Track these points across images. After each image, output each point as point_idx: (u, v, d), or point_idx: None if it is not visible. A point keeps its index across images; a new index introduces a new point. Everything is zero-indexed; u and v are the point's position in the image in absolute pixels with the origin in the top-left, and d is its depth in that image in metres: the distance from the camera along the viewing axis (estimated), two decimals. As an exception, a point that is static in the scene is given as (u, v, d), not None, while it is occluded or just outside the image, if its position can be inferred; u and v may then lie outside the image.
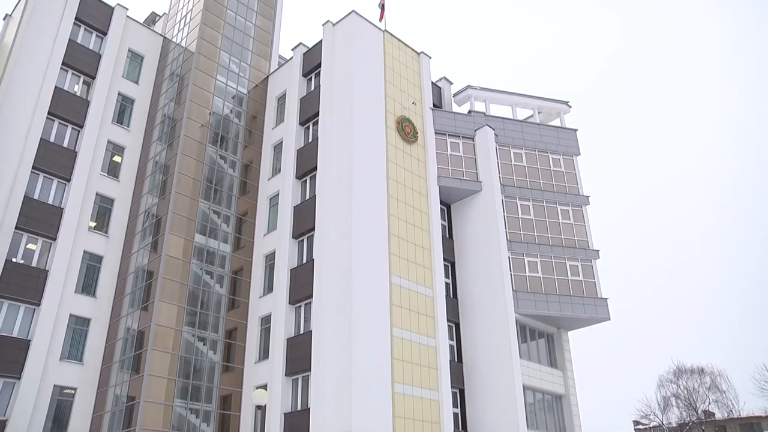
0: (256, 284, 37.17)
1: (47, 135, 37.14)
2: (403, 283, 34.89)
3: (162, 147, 39.53)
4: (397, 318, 33.54)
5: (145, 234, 36.98)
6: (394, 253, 35.15)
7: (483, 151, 42.25)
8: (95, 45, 41.75)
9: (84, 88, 40.45)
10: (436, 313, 35.98)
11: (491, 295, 38.16)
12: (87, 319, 35.03)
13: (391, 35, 42.30)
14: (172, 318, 33.72)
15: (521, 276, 39.48)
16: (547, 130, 45.64)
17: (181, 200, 36.65)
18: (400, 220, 36.44)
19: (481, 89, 45.67)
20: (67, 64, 39.50)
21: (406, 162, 38.80)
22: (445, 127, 42.57)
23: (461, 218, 41.85)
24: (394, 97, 40.16)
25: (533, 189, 42.56)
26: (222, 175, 39.79)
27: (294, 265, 35.73)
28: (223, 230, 38.31)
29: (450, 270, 40.51)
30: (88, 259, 36.29)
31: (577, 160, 44.87)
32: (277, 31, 47.38)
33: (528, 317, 39.54)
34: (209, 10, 43.26)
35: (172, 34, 45.38)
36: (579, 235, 41.95)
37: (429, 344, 34.67)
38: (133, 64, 43.40)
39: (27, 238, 34.47)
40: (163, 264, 34.30)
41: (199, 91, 40.34)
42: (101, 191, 38.18)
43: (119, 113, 41.19)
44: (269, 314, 35.35)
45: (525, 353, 38.85)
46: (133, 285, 35.63)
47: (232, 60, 43.28)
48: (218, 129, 40.63)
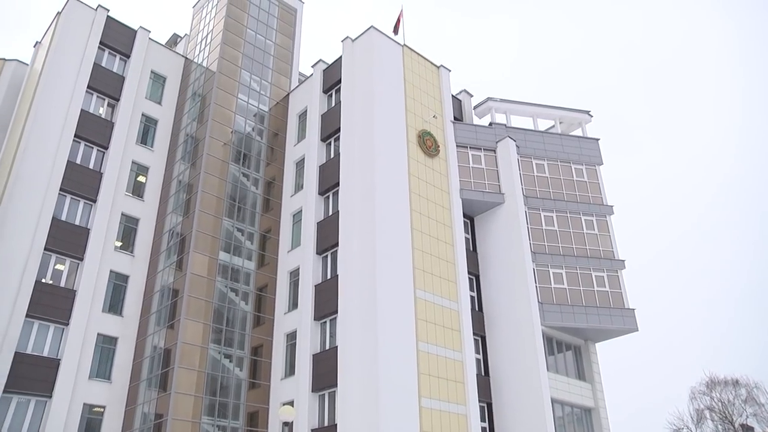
0: (280, 301, 37.25)
1: (74, 157, 37.75)
2: (428, 297, 34.75)
3: (185, 166, 39.91)
4: (422, 332, 33.39)
5: (170, 252, 37.27)
6: (418, 267, 35.06)
7: (505, 163, 42.13)
8: (119, 68, 42.43)
9: (109, 110, 41.08)
10: (462, 326, 35.76)
11: (517, 307, 37.85)
12: (114, 338, 35.34)
13: (410, 49, 42.47)
14: (198, 335, 33.89)
15: (547, 288, 39.14)
16: (569, 140, 45.43)
17: (205, 218, 36.92)
18: (423, 234, 36.37)
19: (501, 101, 45.62)
20: (93, 88, 40.19)
21: (428, 176, 38.78)
22: (467, 140, 42.52)
23: (485, 231, 41.67)
24: (415, 111, 40.24)
25: (556, 200, 42.31)
26: (245, 192, 40.05)
27: (318, 281, 35.77)
28: (247, 247, 38.51)
29: (475, 283, 40.28)
30: (114, 279, 36.67)
31: (599, 170, 44.56)
32: (296, 48, 47.82)
33: (554, 329, 39.13)
34: (229, 30, 43.79)
35: (193, 55, 45.97)
36: (604, 245, 41.56)
37: (455, 358, 34.44)
38: (156, 85, 43.99)
39: (55, 259, 34.95)
40: (188, 282, 34.52)
41: (221, 110, 40.74)
42: (126, 211, 38.60)
43: (143, 134, 41.72)
44: (294, 330, 35.38)
45: (552, 366, 38.47)
46: (159, 303, 35.89)
47: (253, 78, 43.70)
48: (240, 147, 40.96)
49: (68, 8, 41.24)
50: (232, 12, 44.80)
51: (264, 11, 47.06)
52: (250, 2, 46.38)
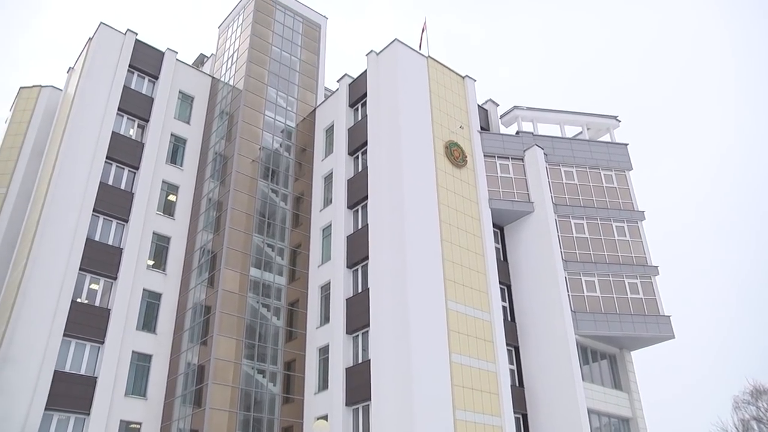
0: (312, 315, 37.32)
1: (106, 178, 38.39)
2: (460, 309, 34.57)
3: (215, 184, 40.33)
4: (455, 344, 33.20)
5: (201, 270, 37.60)
6: (449, 279, 34.92)
7: (533, 171, 41.92)
8: (148, 89, 43.13)
9: (138, 131, 41.73)
10: (495, 337, 35.49)
11: (550, 316, 37.47)
12: (149, 355, 35.68)
13: (434, 61, 42.56)
14: (231, 351, 34.07)
15: (579, 296, 38.73)
16: (597, 146, 45.09)
17: (236, 235, 37.22)
18: (453, 245, 36.25)
19: (528, 109, 45.47)
20: (123, 110, 40.92)
21: (457, 186, 38.70)
22: (494, 150, 42.40)
23: (515, 240, 41.42)
24: (441, 122, 40.25)
25: (586, 207, 41.95)
26: (274, 208, 40.31)
27: (349, 295, 35.79)
28: (277, 263, 38.70)
29: (506, 293, 39.98)
30: (147, 297, 37.08)
31: (629, 175, 44.13)
32: (321, 63, 48.23)
33: (588, 338, 38.67)
34: (255, 48, 44.31)
35: (220, 74, 46.57)
36: (636, 252, 41.06)
37: (489, 369, 34.16)
38: (184, 105, 44.61)
39: (90, 279, 35.47)
40: (220, 299, 34.77)
41: (249, 128, 41.14)
42: (158, 230, 39.07)
43: (172, 153, 42.28)
44: (327, 345, 35.39)
45: (588, 375, 37.98)
46: (192, 320, 36.18)
47: (279, 95, 44.12)
48: (269, 163, 41.28)
49: (99, 34, 42.12)
50: (257, 30, 45.35)
51: (288, 28, 47.57)
52: (274, 20, 46.95)
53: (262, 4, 46.90)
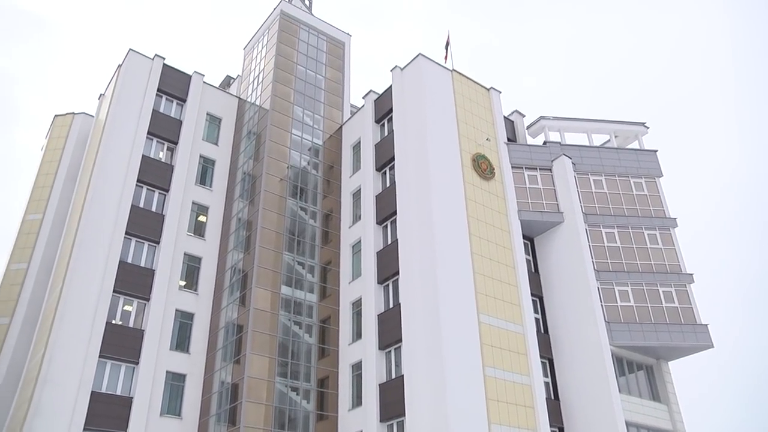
0: (344, 332, 37.31)
1: (137, 201, 38.97)
2: (492, 322, 34.31)
3: (244, 204, 40.67)
4: (488, 357, 32.92)
5: (233, 289, 37.85)
6: (480, 292, 34.70)
7: (562, 181, 41.61)
8: (176, 112, 43.80)
9: (168, 153, 42.33)
10: (528, 350, 35.11)
11: (583, 327, 36.98)
12: (183, 375, 35.93)
13: (459, 74, 42.61)
14: (264, 369, 34.17)
15: (613, 306, 38.19)
16: (626, 153, 44.65)
17: (266, 254, 37.43)
18: (483, 258, 36.05)
19: (554, 119, 45.25)
20: (152, 133, 41.59)
21: (485, 199, 38.56)
22: (522, 161, 42.21)
23: (545, 251, 41.06)
24: (468, 135, 40.21)
25: (617, 215, 41.48)
26: (304, 226, 40.50)
27: (381, 311, 35.74)
28: (308, 280, 38.82)
29: (539, 305, 39.59)
30: (180, 317, 37.41)
31: (660, 182, 43.58)
32: (346, 80, 48.55)
33: (624, 349, 37.97)
34: (280, 68, 44.76)
35: (246, 95, 47.10)
36: (670, 260, 40.42)
37: (523, 382, 33.78)
38: (212, 126, 45.17)
39: (123, 300, 35.93)
40: (252, 317, 34.94)
41: (276, 147, 41.48)
42: (189, 251, 39.47)
43: (201, 174, 42.77)
44: (359, 361, 35.32)
45: (624, 387, 37.22)
46: (225, 339, 36.38)
47: (305, 113, 44.46)
48: (297, 181, 41.54)
49: (128, 60, 42.97)
50: (282, 50, 45.84)
51: (313, 47, 48.02)
52: (299, 39, 47.43)
53: (287, 24, 47.45)
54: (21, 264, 43.56)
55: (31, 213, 45.82)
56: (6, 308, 42.00)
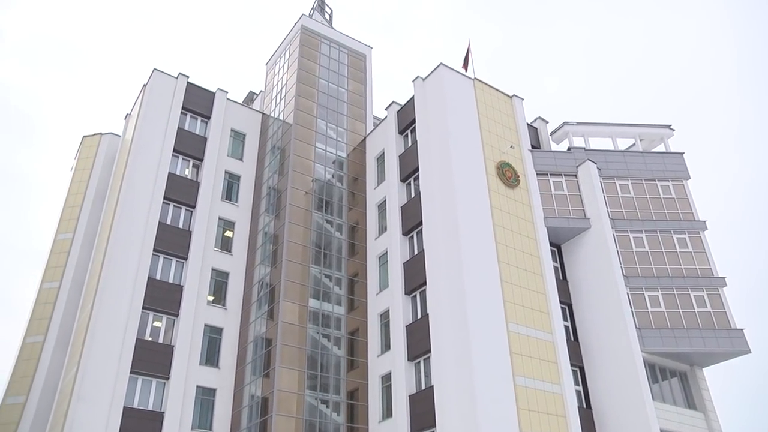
0: (373, 343, 37.25)
1: (164, 218, 39.38)
2: (521, 330, 34.04)
3: (270, 218, 40.89)
4: (518, 366, 32.63)
5: (260, 303, 38.01)
6: (508, 300, 34.47)
7: (587, 187, 41.26)
8: (201, 129, 44.27)
9: (194, 170, 42.77)
10: (558, 358, 34.73)
11: (614, 334, 36.46)
12: (213, 390, 36.08)
13: (481, 82, 42.57)
14: (294, 383, 34.21)
15: (643, 312, 37.62)
16: (652, 157, 44.19)
17: (293, 267, 37.56)
18: (511, 266, 35.83)
19: (578, 124, 44.95)
20: (178, 151, 42.06)
21: (511, 207, 38.37)
22: (546, 167, 41.94)
23: (573, 258, 40.68)
24: (491, 143, 40.10)
25: (644, 220, 40.98)
26: (330, 239, 40.60)
27: (409, 321, 35.64)
28: (336, 293, 38.87)
29: (568, 312, 39.17)
30: (209, 332, 37.64)
31: (687, 185, 43.01)
32: (369, 92, 48.75)
33: (656, 355, 37.33)
34: (302, 82, 45.07)
35: (270, 110, 47.49)
36: (700, 263, 39.78)
37: (554, 391, 33.41)
38: (236, 142, 45.57)
39: (153, 317, 36.27)
40: (280, 331, 35.04)
41: (301, 161, 41.71)
42: (216, 266, 39.74)
43: (227, 190, 43.13)
44: (389, 372, 35.22)
45: (658, 395, 36.52)
46: (254, 353, 36.51)
47: (329, 126, 44.68)
48: (322, 194, 41.71)
49: (152, 80, 43.59)
50: (304, 65, 46.17)
51: (334, 60, 48.32)
52: (320, 53, 47.76)
53: (308, 38, 47.82)
54: (53, 283, 44.21)
55: (62, 232, 46.55)
56: (40, 327, 42.63)
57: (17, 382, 41.02)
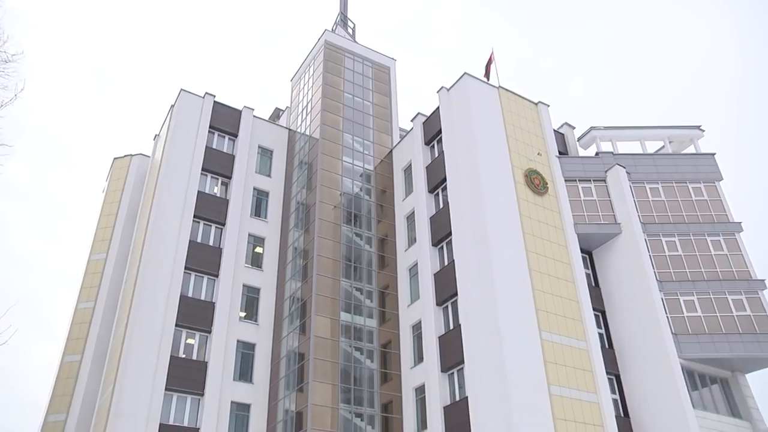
0: (405, 355, 37.10)
1: (195, 236, 39.80)
2: (555, 339, 33.65)
3: (299, 233, 41.08)
4: (553, 375, 32.23)
5: (292, 318, 38.13)
6: (540, 309, 34.12)
7: (617, 192, 40.79)
8: (228, 147, 44.75)
9: (222, 188, 43.20)
10: (593, 366, 34.20)
11: (649, 341, 35.77)
12: (247, 405, 36.26)
13: (506, 90, 42.43)
14: (328, 397, 34.19)
15: (679, 317, 36.87)
16: (682, 159, 43.55)
17: (324, 281, 37.64)
18: (542, 275, 35.49)
19: (605, 128, 44.52)
20: (207, 169, 42.57)
21: (540, 214, 38.07)
22: (575, 173, 41.59)
23: (605, 264, 40.18)
24: (518, 150, 39.89)
25: (677, 223, 40.33)
26: (359, 252, 40.64)
27: (441, 332, 35.46)
28: (367, 306, 38.85)
29: (601, 319, 38.61)
30: (242, 348, 37.87)
31: (720, 186, 42.23)
32: (394, 104, 48.84)
33: (695, 362, 36.35)
34: (328, 97, 45.34)
35: (296, 125, 47.83)
36: (737, 266, 38.94)
37: (591, 400, 32.88)
38: (264, 158, 45.96)
39: (186, 334, 36.62)
40: (312, 345, 35.09)
41: (328, 175, 41.88)
42: (247, 282, 40.01)
43: (256, 206, 43.47)
44: (422, 384, 35.03)
45: (698, 402, 35.46)
46: (287, 368, 36.60)
47: (355, 140, 44.85)
48: (350, 208, 41.81)
49: (180, 100, 44.23)
50: (329, 79, 46.46)
51: (359, 74, 48.55)
52: (344, 67, 48.04)
53: (331, 53, 48.14)
54: (88, 303, 44.85)
55: (95, 253, 47.25)
56: (77, 346, 43.23)
57: (57, 400, 41.63)
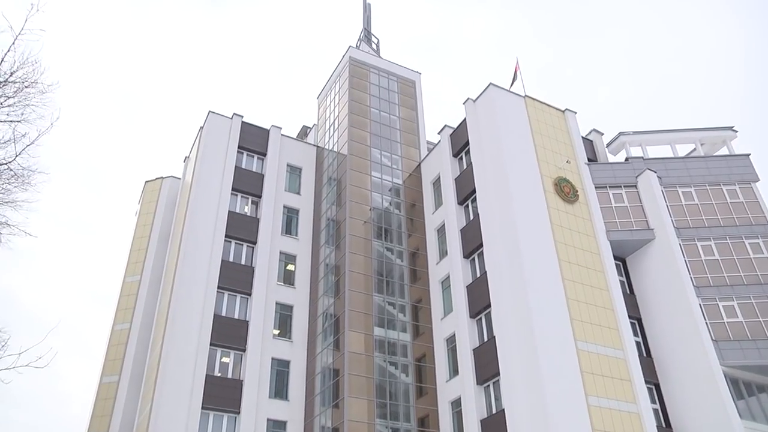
0: (441, 369, 36.88)
1: (227, 256, 40.15)
2: (591, 348, 33.16)
3: (330, 249, 41.20)
4: (590, 386, 31.74)
5: (326, 334, 38.16)
6: (575, 318, 33.70)
7: (649, 197, 40.25)
8: (257, 166, 45.15)
9: (253, 207, 43.57)
10: (632, 375, 33.55)
11: (689, 348, 35.02)
12: (283, 422, 36.33)
13: (532, 99, 42.26)
14: (363, 412, 34.09)
15: (719, 323, 35.98)
16: (715, 161, 42.80)
17: (356, 297, 37.66)
18: (575, 283, 35.09)
19: (634, 133, 44.07)
20: (237, 189, 43.00)
21: (571, 222, 37.71)
22: (605, 180, 41.15)
23: (639, 271, 39.57)
24: (547, 159, 39.63)
25: (712, 227, 39.59)
26: (391, 266, 40.61)
27: (476, 345, 35.21)
28: (400, 320, 38.75)
29: (638, 327, 37.95)
30: (276, 365, 37.99)
31: (756, 187, 41.36)
32: (420, 117, 48.91)
33: (738, 369, 35.17)
34: (354, 113, 45.55)
35: (324, 142, 48.10)
36: (778, 269, 38.00)
37: (630, 411, 32.23)
38: (293, 176, 46.27)
39: (221, 353, 36.85)
40: (347, 361, 35.06)
41: (357, 191, 42.00)
42: (280, 300, 40.20)
43: (287, 224, 43.73)
44: (458, 397, 34.77)
45: (746, 412, 34.03)
46: (322, 384, 36.60)
47: (383, 154, 44.95)
48: (381, 223, 41.84)
49: (208, 122, 44.80)
50: (355, 95, 46.70)
51: (384, 89, 48.73)
52: (369, 83, 48.26)
53: (356, 69, 48.42)
54: (124, 324, 45.43)
55: (130, 275, 47.91)
56: (114, 367, 43.78)
57: (97, 421, 42.16)
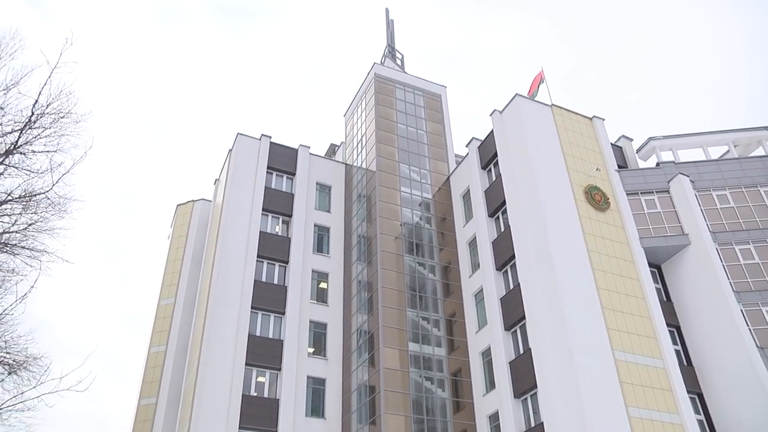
0: (477, 383, 36.58)
1: (259, 276, 40.44)
2: (629, 358, 32.59)
3: (362, 266, 41.25)
4: (630, 396, 31.16)
5: (360, 351, 38.13)
6: (612, 328, 33.18)
7: (682, 202, 39.61)
8: (287, 186, 45.49)
9: (284, 226, 43.86)
10: (673, 385, 32.78)
11: (731, 356, 34.15)
12: (321, 441, 36.28)
13: (559, 108, 42.01)
14: (401, 428, 33.93)
15: (763, 329, 34.98)
16: (749, 162, 41.95)
17: (390, 313, 37.60)
18: (611, 292, 34.60)
19: (664, 138, 43.50)
20: (267, 209, 43.38)
21: (604, 231, 37.28)
22: (636, 186, 40.62)
23: (675, 277, 38.89)
24: (576, 167, 39.30)
25: (749, 229, 38.76)
26: (423, 281, 40.51)
27: (512, 358, 34.87)
28: (434, 334, 38.59)
29: (676, 335, 37.21)
30: (312, 384, 38.06)
31: (795, 187, 40.51)
32: (447, 131, 48.91)
33: (786, 375, 34.45)
34: (382, 129, 45.71)
35: (352, 159, 48.32)
36: (822, 270, 37.04)
37: (673, 421, 31.47)
38: (323, 195, 46.52)
39: (256, 372, 37.05)
40: (382, 377, 34.97)
41: (387, 206, 42.05)
42: (314, 318, 40.32)
43: (318, 243, 43.93)
44: (496, 411, 34.41)
45: (800, 423, 33.36)
46: (358, 401, 36.53)
47: (412, 169, 45.00)
48: (412, 238, 41.81)
49: (237, 144, 45.31)
50: (381, 111, 46.90)
51: (410, 104, 48.87)
52: (395, 98, 48.44)
53: (382, 86, 48.63)
54: (160, 347, 45.93)
55: (164, 298, 48.48)
56: (151, 389, 44.24)
57: (136, 443, 42.59)
